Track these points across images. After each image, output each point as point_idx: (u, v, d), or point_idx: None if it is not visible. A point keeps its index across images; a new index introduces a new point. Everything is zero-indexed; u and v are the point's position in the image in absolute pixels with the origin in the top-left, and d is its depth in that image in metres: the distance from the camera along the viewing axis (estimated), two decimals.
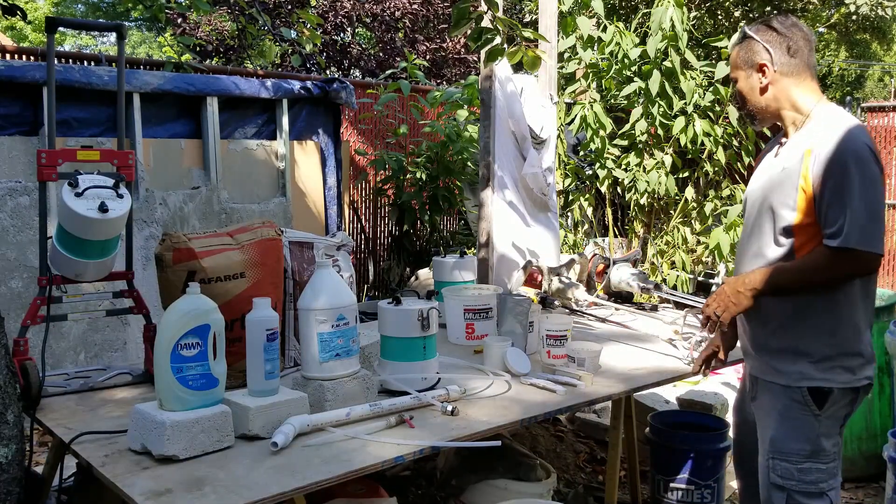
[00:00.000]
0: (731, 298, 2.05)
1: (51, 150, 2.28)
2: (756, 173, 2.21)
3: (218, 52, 10.62)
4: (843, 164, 1.90)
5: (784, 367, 2.04)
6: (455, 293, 2.92)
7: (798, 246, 2.00)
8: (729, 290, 2.06)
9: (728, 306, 2.06)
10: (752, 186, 2.19)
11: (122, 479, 1.65)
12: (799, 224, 1.97)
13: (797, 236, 1.99)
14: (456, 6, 2.82)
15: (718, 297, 2.07)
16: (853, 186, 1.88)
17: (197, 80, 4.39)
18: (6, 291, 3.57)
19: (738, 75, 2.12)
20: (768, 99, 2.09)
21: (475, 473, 2.80)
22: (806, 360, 2.01)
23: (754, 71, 2.08)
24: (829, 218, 1.91)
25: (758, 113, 2.12)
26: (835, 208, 1.90)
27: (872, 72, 16.82)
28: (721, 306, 2.07)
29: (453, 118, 6.25)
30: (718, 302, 2.08)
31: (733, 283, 2.05)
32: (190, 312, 1.80)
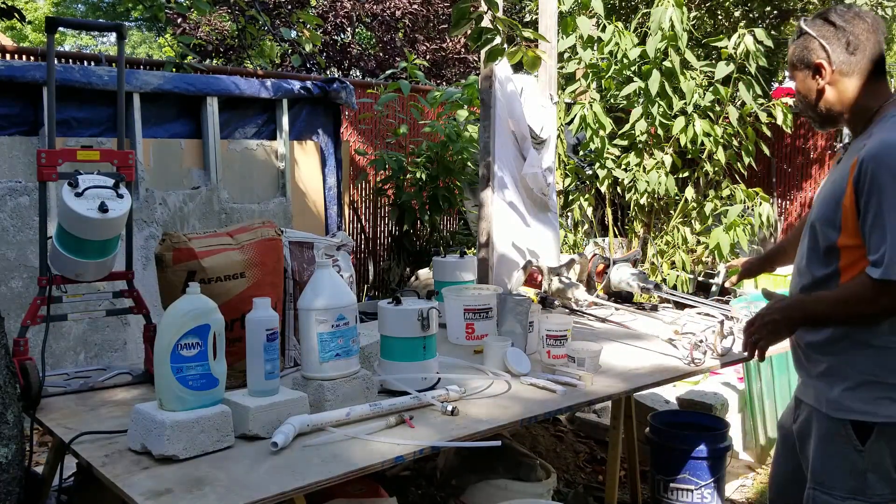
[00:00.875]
0: (769, 326, 1.89)
1: (51, 150, 2.28)
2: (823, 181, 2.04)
3: (218, 52, 10.62)
4: (883, 183, 1.68)
5: (827, 392, 1.85)
6: (455, 293, 2.92)
7: (844, 267, 1.80)
8: (767, 315, 1.89)
9: (766, 335, 1.90)
10: (816, 194, 2.00)
11: (122, 479, 1.65)
12: (844, 244, 1.78)
13: (842, 257, 1.80)
14: (456, 6, 2.82)
15: (759, 321, 1.91)
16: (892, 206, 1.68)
17: (197, 80, 4.39)
18: (6, 291, 3.57)
19: (796, 76, 1.92)
20: (829, 102, 1.88)
21: (475, 473, 2.80)
22: (843, 387, 1.81)
23: (811, 71, 1.88)
24: (872, 243, 1.71)
25: (818, 117, 1.92)
26: (877, 232, 1.69)
27: None
28: (760, 333, 1.91)
29: (453, 118, 6.26)
30: (757, 327, 1.91)
31: (773, 309, 1.89)
32: (190, 312, 1.80)
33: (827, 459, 1.85)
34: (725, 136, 5.42)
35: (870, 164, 1.70)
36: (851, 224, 1.75)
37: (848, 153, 1.88)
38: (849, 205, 1.74)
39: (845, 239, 1.77)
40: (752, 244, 7.17)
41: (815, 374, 1.90)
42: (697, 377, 3.72)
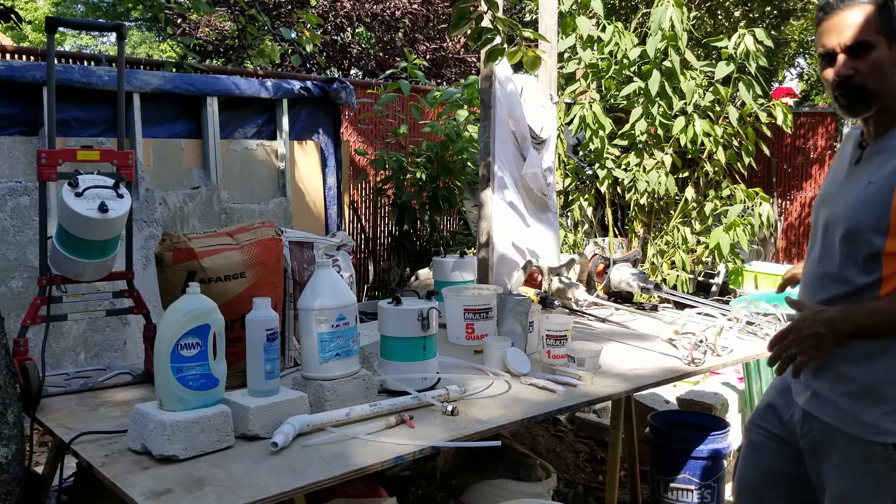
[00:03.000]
0: (811, 340, 1.67)
1: (51, 150, 2.28)
2: (830, 181, 1.87)
3: (218, 53, 10.62)
4: None
5: (861, 414, 1.69)
6: (455, 293, 2.92)
7: (886, 275, 1.65)
8: (808, 327, 1.67)
9: (807, 349, 1.68)
10: (827, 197, 1.83)
11: (122, 479, 1.65)
12: (889, 251, 1.64)
13: (886, 265, 1.65)
14: (456, 6, 2.82)
15: (796, 334, 1.69)
16: None
17: (197, 80, 4.39)
18: (6, 291, 3.57)
19: (878, 42, 1.65)
20: (893, 81, 1.68)
21: (475, 473, 2.80)
22: (884, 409, 1.67)
23: (893, 45, 1.67)
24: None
25: (880, 95, 1.67)
26: None
27: None
28: (797, 346, 1.68)
29: (453, 118, 6.25)
30: (794, 340, 1.69)
31: (814, 320, 1.68)
32: (190, 312, 1.80)
33: (863, 485, 1.70)
34: (725, 136, 5.42)
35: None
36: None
37: (876, 152, 1.72)
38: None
39: (893, 245, 1.62)
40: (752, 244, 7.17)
41: (841, 392, 1.73)
42: (697, 377, 3.72)
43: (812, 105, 13.15)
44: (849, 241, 1.69)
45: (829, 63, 1.71)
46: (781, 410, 1.92)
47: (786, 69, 15.10)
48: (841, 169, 1.83)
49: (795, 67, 16.76)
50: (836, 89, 1.70)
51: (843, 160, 1.84)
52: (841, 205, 1.73)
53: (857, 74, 1.66)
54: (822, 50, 1.71)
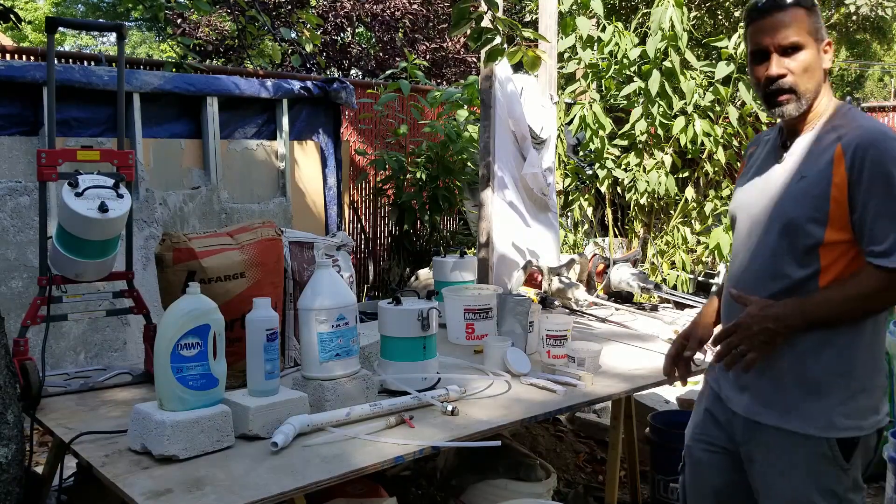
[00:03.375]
0: (761, 336, 1.65)
1: (51, 150, 2.28)
2: (751, 182, 1.85)
3: (218, 52, 10.63)
4: (884, 168, 1.61)
5: (804, 411, 1.68)
6: (455, 293, 2.92)
7: (825, 266, 1.66)
8: (756, 323, 1.66)
9: (758, 345, 1.66)
10: (748, 199, 1.83)
11: (122, 479, 1.65)
12: (830, 240, 1.65)
13: (823, 256, 1.66)
14: (456, 6, 2.82)
15: (745, 331, 1.67)
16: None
17: (197, 80, 4.39)
18: (6, 291, 3.57)
19: (808, 44, 1.69)
20: (820, 84, 1.73)
21: (475, 473, 2.80)
22: (829, 402, 1.67)
23: (821, 46, 1.72)
24: (877, 233, 1.61)
25: (807, 96, 1.70)
26: (883, 222, 1.60)
27: (872, 72, 16.83)
28: (747, 343, 1.66)
29: (453, 118, 6.25)
30: (742, 336, 1.67)
31: (760, 315, 1.66)
32: (190, 312, 1.80)
33: (807, 485, 1.68)
34: (725, 136, 5.42)
35: (868, 152, 1.61)
36: (841, 218, 1.64)
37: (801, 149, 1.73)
38: (840, 197, 1.63)
39: (833, 234, 1.65)
40: None
41: (787, 389, 1.71)
42: (697, 377, 3.72)
43: None
44: (788, 235, 1.69)
45: (760, 62, 1.73)
46: (720, 419, 1.86)
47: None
48: (759, 170, 1.83)
49: None
50: (767, 87, 1.72)
51: (759, 162, 1.86)
52: (772, 202, 1.74)
53: (790, 74, 1.69)
54: (754, 48, 1.73)
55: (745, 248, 1.80)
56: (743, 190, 1.88)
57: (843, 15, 9.25)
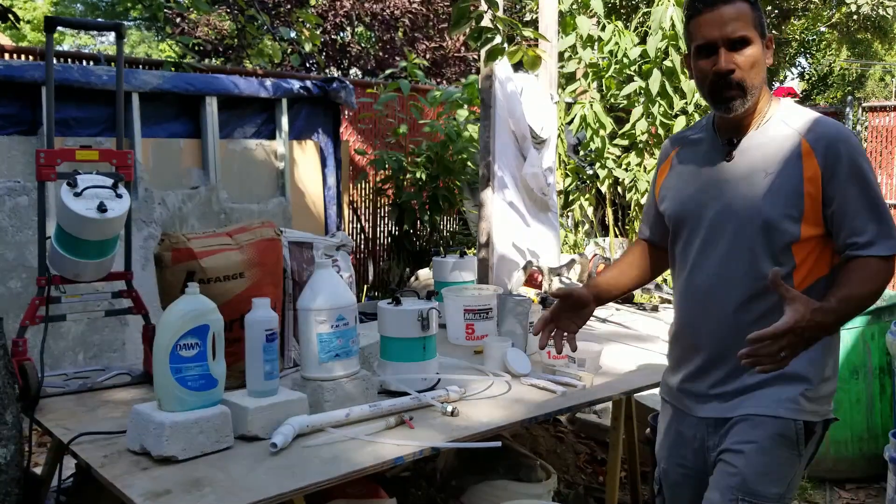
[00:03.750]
0: (805, 343, 1.53)
1: (49, 150, 2.27)
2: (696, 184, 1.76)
3: (217, 52, 10.62)
4: (857, 162, 1.62)
5: (773, 395, 1.66)
6: (455, 293, 2.92)
7: (799, 263, 1.65)
8: (808, 330, 1.50)
9: (798, 350, 1.53)
10: (703, 201, 1.73)
11: (120, 480, 1.64)
12: (805, 236, 1.63)
13: (797, 253, 1.65)
14: (456, 5, 2.82)
15: (794, 336, 1.50)
16: (874, 187, 1.63)
17: (196, 80, 4.38)
18: (5, 292, 3.57)
19: (755, 39, 1.64)
20: (764, 80, 1.69)
21: (475, 474, 2.79)
22: (802, 386, 1.66)
23: (765, 41, 1.68)
24: (857, 225, 1.60)
25: (753, 91, 1.66)
26: (862, 213, 1.60)
27: (873, 71, 16.83)
28: (791, 350, 1.51)
29: (453, 118, 6.25)
30: (792, 343, 1.50)
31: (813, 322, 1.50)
32: (189, 313, 1.79)
33: (767, 467, 1.66)
34: None
35: (840, 147, 1.61)
36: (815, 213, 1.62)
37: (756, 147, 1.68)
38: (814, 192, 1.61)
39: (807, 230, 1.63)
40: None
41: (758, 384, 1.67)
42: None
43: (813, 105, 13.15)
44: (765, 234, 1.64)
45: (706, 56, 1.65)
46: (687, 435, 1.79)
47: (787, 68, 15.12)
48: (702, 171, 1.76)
49: (796, 67, 16.78)
50: (714, 82, 1.65)
51: (695, 163, 1.78)
52: (737, 202, 1.67)
53: (738, 69, 1.63)
54: (701, 42, 1.65)
55: (709, 253, 1.71)
56: (686, 192, 1.78)
57: (845, 14, 9.25)
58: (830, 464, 3.48)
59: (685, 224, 1.77)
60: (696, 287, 1.74)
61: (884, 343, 3.34)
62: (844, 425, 3.44)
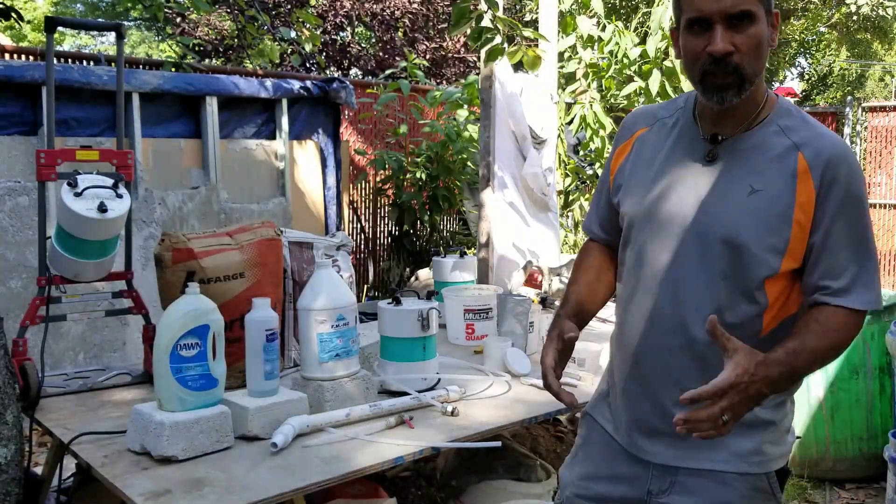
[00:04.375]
0: (752, 402, 1.27)
1: (50, 150, 2.28)
2: (664, 184, 1.43)
3: (217, 52, 10.62)
4: (858, 192, 1.34)
5: (735, 448, 1.39)
6: (455, 293, 2.92)
7: (771, 301, 1.37)
8: (753, 384, 1.25)
9: (742, 411, 1.27)
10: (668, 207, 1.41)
11: (121, 480, 1.64)
12: (781, 273, 1.35)
13: (769, 289, 1.36)
14: (456, 5, 2.82)
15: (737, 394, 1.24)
16: (867, 223, 1.36)
17: (196, 80, 4.38)
18: (5, 291, 3.57)
19: (759, 15, 1.32)
20: (764, 67, 1.39)
21: (475, 474, 2.80)
22: (761, 436, 1.41)
23: (770, 18, 1.35)
24: (836, 266, 1.33)
25: (753, 80, 1.34)
26: (845, 253, 1.33)
27: (873, 71, 16.83)
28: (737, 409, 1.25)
29: (453, 118, 6.25)
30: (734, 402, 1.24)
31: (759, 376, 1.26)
32: (189, 313, 1.79)
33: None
34: None
35: (841, 169, 1.32)
36: (799, 246, 1.33)
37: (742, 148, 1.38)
38: (804, 221, 1.32)
39: (788, 264, 1.34)
40: None
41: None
42: None
43: (813, 105, 13.15)
44: (736, 263, 1.34)
45: (699, 33, 1.33)
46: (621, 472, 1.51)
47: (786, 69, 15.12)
48: (673, 168, 1.44)
49: (796, 67, 16.78)
50: (706, 67, 1.33)
51: (665, 154, 1.46)
52: (710, 217, 1.37)
53: (737, 52, 1.31)
54: (694, 15, 1.32)
55: (666, 274, 1.40)
56: (649, 190, 1.45)
57: (844, 14, 9.25)
58: (830, 464, 3.49)
59: (641, 230, 1.45)
60: (646, 310, 1.43)
61: (883, 343, 3.34)
62: (844, 425, 3.44)
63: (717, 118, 1.40)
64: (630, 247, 1.48)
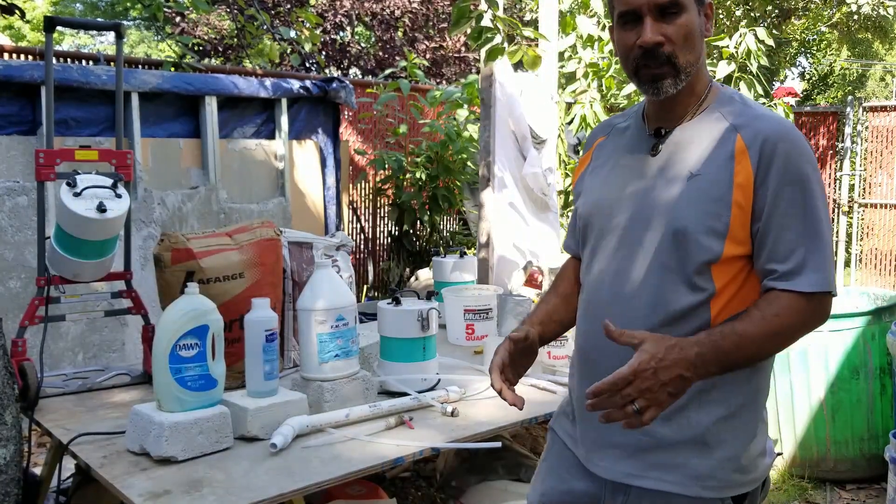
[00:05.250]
0: (669, 387, 1.22)
1: (49, 150, 2.27)
2: (613, 181, 1.45)
3: (216, 52, 10.62)
4: (801, 170, 1.30)
5: (691, 469, 1.34)
6: (455, 293, 2.91)
7: (719, 289, 1.32)
8: (663, 370, 1.21)
9: (660, 399, 1.22)
10: (616, 201, 1.42)
11: (120, 481, 1.64)
12: (725, 257, 1.31)
13: (717, 276, 1.32)
14: (456, 5, 2.82)
15: (644, 381, 1.21)
16: (817, 203, 1.31)
17: (196, 80, 4.37)
18: (4, 292, 3.56)
19: (688, 5, 1.34)
20: (700, 57, 1.38)
21: (475, 475, 2.79)
22: (720, 456, 1.34)
23: (702, 8, 1.38)
24: (781, 248, 1.29)
25: (688, 70, 1.35)
26: (790, 233, 1.29)
27: (874, 71, 16.83)
28: (650, 397, 1.21)
29: (453, 118, 6.24)
30: (644, 388, 1.21)
31: (669, 360, 1.22)
32: (189, 313, 1.79)
33: None
34: None
35: (779, 147, 1.30)
36: (742, 228, 1.31)
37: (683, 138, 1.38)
38: (744, 202, 1.30)
39: (731, 248, 1.31)
40: None
41: (666, 445, 1.35)
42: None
43: (813, 104, 13.16)
44: (678, 250, 1.32)
45: (631, 26, 1.35)
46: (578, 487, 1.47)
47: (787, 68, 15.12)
48: (622, 165, 1.46)
49: (797, 67, 16.78)
50: (639, 59, 1.35)
51: (617, 155, 1.48)
52: (654, 207, 1.36)
53: (668, 42, 1.32)
54: (624, 9, 1.35)
55: (616, 266, 1.40)
56: (600, 189, 1.47)
57: (845, 14, 9.25)
58: (831, 464, 3.48)
59: (592, 228, 1.46)
60: (598, 306, 1.41)
61: (884, 343, 3.33)
62: (845, 425, 3.43)
63: (661, 113, 1.42)
64: (584, 248, 1.50)
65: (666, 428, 1.33)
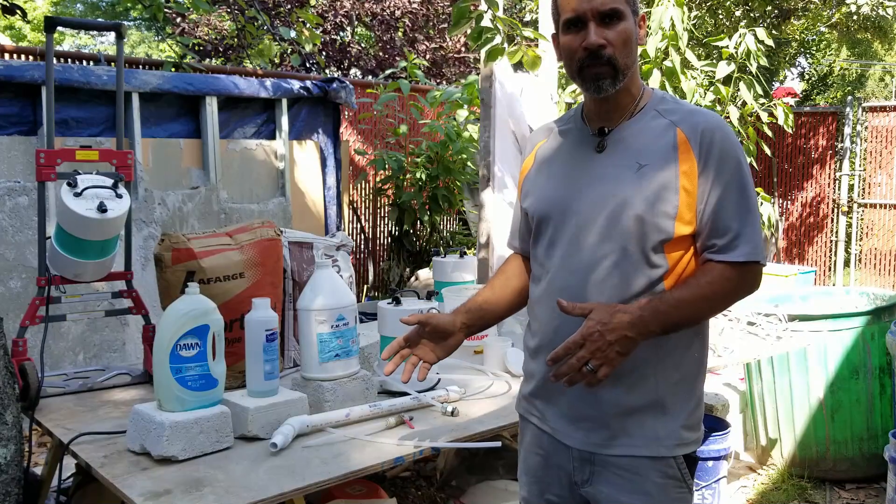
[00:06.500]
0: (616, 346, 1.39)
1: (49, 150, 2.28)
2: (562, 179, 1.58)
3: (217, 52, 10.62)
4: (735, 155, 1.48)
5: (650, 430, 1.50)
6: (455, 293, 2.91)
7: (671, 266, 1.48)
8: (609, 332, 1.39)
9: (610, 357, 1.39)
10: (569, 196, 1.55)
11: (120, 480, 1.64)
12: (676, 237, 1.47)
13: (669, 254, 1.48)
14: (456, 5, 2.82)
15: (594, 342, 1.38)
16: (747, 183, 1.49)
17: (196, 80, 4.38)
18: (5, 292, 3.57)
19: (627, 13, 1.49)
20: (635, 61, 1.54)
21: (475, 474, 2.80)
22: (674, 416, 1.51)
23: (636, 18, 1.53)
24: (720, 225, 1.46)
25: (625, 72, 1.50)
26: (728, 212, 1.46)
27: (873, 71, 16.83)
28: (600, 356, 1.39)
29: (453, 118, 6.25)
30: (594, 349, 1.38)
31: (614, 323, 1.40)
32: (189, 313, 1.79)
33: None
34: None
35: (716, 136, 1.47)
36: (689, 210, 1.46)
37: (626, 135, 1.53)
38: (690, 187, 1.46)
39: (680, 228, 1.46)
40: None
41: (631, 412, 1.50)
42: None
43: (813, 105, 13.16)
44: (636, 234, 1.46)
45: (575, 31, 1.49)
46: (553, 461, 1.60)
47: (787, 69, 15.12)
48: (569, 163, 1.59)
49: (796, 67, 16.78)
50: (583, 60, 1.49)
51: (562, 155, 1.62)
52: (609, 197, 1.49)
53: (609, 46, 1.47)
54: (570, 16, 1.49)
55: (575, 254, 1.52)
56: (552, 187, 1.59)
57: (844, 14, 9.25)
58: (830, 464, 3.49)
59: (549, 221, 1.58)
60: (559, 292, 1.51)
61: (884, 343, 3.34)
62: (845, 425, 3.44)
63: (602, 114, 1.57)
64: (540, 241, 1.61)
65: (631, 396, 1.50)
